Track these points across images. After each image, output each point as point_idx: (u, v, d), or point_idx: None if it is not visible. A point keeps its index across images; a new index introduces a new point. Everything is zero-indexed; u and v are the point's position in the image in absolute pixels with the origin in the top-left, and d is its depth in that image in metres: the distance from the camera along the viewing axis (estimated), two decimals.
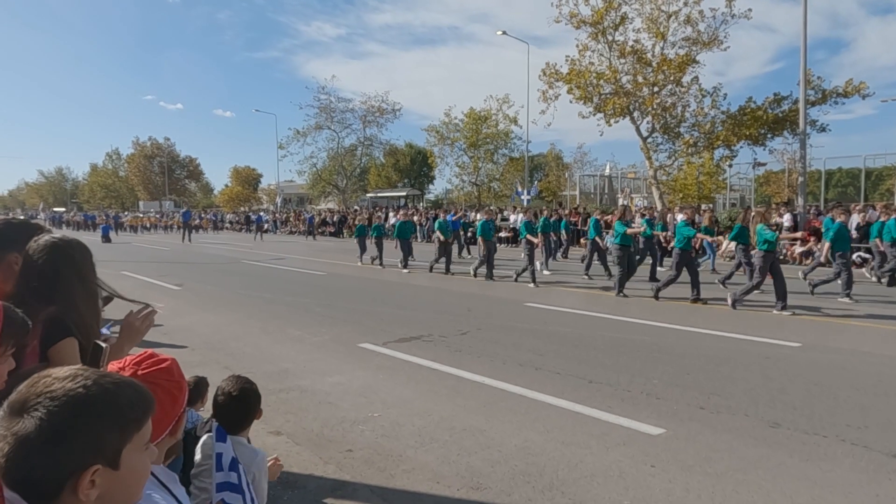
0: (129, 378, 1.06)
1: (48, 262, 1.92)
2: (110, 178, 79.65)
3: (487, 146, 41.31)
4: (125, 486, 1.01)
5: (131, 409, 1.00)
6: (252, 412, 2.41)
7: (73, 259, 1.99)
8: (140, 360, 1.49)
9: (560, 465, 3.72)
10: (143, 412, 1.03)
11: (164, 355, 1.52)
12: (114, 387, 0.99)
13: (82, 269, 2.01)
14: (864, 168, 27.36)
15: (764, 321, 8.46)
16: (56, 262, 1.93)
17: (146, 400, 1.05)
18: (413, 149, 54.61)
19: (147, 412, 1.04)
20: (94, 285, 2.05)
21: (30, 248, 1.95)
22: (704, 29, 24.06)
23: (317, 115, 47.33)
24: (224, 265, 17.85)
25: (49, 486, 0.93)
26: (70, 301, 1.92)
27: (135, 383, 1.06)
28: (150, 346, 2.21)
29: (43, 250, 1.94)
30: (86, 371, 1.00)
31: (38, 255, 1.93)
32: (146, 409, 1.04)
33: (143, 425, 1.03)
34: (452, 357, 6.36)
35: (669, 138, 26.48)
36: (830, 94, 23.28)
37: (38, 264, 1.92)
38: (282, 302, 10.29)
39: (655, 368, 5.89)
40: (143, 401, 1.04)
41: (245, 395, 2.38)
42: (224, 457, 2.25)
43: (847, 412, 4.66)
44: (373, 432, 4.31)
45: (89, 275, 2.03)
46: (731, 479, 3.53)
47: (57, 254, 1.95)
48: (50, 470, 0.92)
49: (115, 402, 0.98)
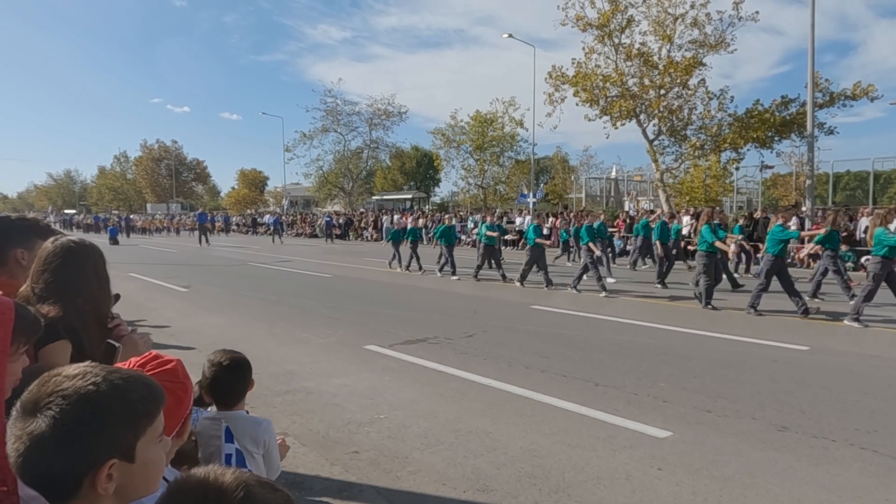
0: (137, 372, 1.08)
1: (63, 264, 1.95)
2: (118, 181, 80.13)
3: (493, 149, 41.33)
4: (142, 478, 1.03)
5: (142, 403, 1.02)
6: (246, 382, 2.37)
7: (89, 261, 2.02)
8: (144, 361, 1.50)
9: (566, 468, 3.71)
10: (154, 405, 1.05)
11: (169, 356, 1.53)
12: (123, 382, 1.01)
13: (98, 271, 2.04)
14: (873, 171, 27.15)
15: (771, 324, 8.41)
16: (71, 264, 1.96)
17: (157, 393, 1.07)
18: (419, 151, 54.67)
19: (158, 405, 1.06)
20: (108, 287, 2.08)
21: (46, 249, 1.98)
22: (711, 32, 24.03)
23: (323, 117, 47.56)
24: (231, 267, 17.92)
25: (67, 483, 0.95)
26: (79, 302, 1.94)
27: (144, 377, 1.07)
28: (156, 348, 2.23)
29: (59, 251, 1.97)
30: (95, 368, 1.02)
31: (53, 255, 1.96)
32: (157, 402, 1.06)
33: (156, 418, 1.05)
34: (458, 359, 6.36)
35: (676, 141, 26.41)
36: (838, 97, 23.17)
37: (53, 265, 1.94)
38: (288, 304, 10.32)
39: (662, 371, 5.87)
40: (153, 394, 1.05)
41: (237, 364, 2.35)
42: (232, 459, 2.25)
43: (856, 416, 4.62)
44: (379, 434, 4.31)
45: (103, 277, 2.06)
46: (739, 482, 3.51)
47: (73, 256, 1.98)
48: (67, 467, 0.94)
49: (127, 397, 0.99)
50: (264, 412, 4.74)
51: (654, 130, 26.05)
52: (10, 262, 2.08)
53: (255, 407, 4.74)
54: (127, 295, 2.32)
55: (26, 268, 2.07)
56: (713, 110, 25.17)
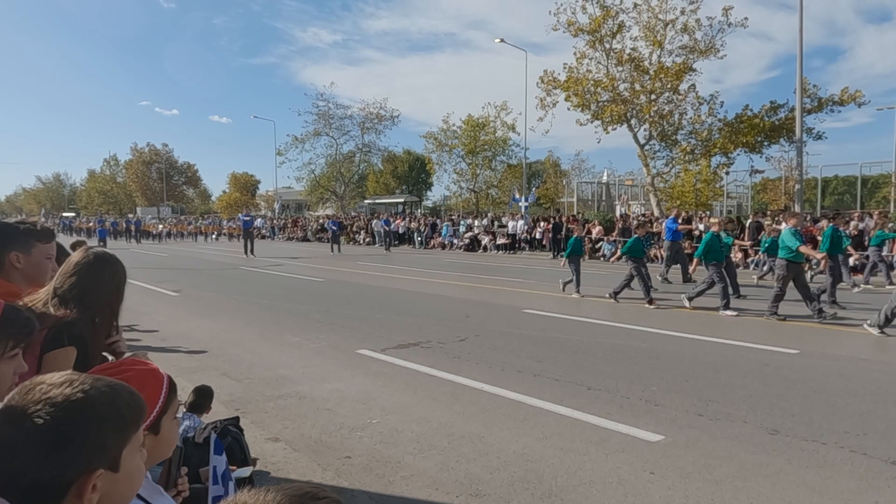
0: (119, 381, 1.06)
1: (91, 272, 2.02)
2: (108, 185, 79.61)
3: (485, 153, 41.38)
4: (122, 489, 1.02)
5: (128, 409, 1.01)
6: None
7: (116, 275, 2.10)
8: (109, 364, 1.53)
9: (559, 472, 3.71)
10: (138, 412, 1.04)
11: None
12: (109, 389, 1.00)
13: (120, 286, 2.12)
14: (861, 176, 27.50)
15: (762, 328, 8.47)
16: (99, 274, 2.04)
17: (139, 400, 1.06)
18: (411, 155, 54.72)
19: (142, 412, 1.06)
20: (121, 304, 2.16)
21: (78, 254, 2.06)
22: (701, 37, 24.29)
23: (315, 121, 47.49)
24: (222, 271, 17.82)
25: (52, 492, 0.93)
26: (95, 312, 2.00)
27: (126, 385, 1.06)
28: (147, 352, 2.21)
29: (91, 259, 2.04)
30: (79, 376, 1.00)
31: (85, 262, 2.03)
32: (141, 410, 1.05)
33: (140, 426, 1.04)
34: (451, 363, 6.35)
35: (667, 146, 26.63)
36: (826, 103, 23.45)
37: (82, 271, 2.01)
38: (280, 308, 10.27)
39: (654, 375, 5.89)
40: (137, 401, 1.05)
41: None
42: (218, 469, 2.25)
43: (846, 419, 4.66)
44: (371, 439, 4.30)
45: (122, 293, 2.14)
46: (731, 485, 3.53)
47: (103, 266, 2.07)
48: (54, 476, 0.92)
49: (114, 404, 0.98)
50: (256, 417, 4.72)
51: (645, 135, 26.23)
52: (5, 266, 2.10)
53: (246, 412, 4.71)
54: None
55: (21, 271, 2.08)
56: (703, 115, 25.44)
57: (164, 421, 1.36)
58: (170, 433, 1.41)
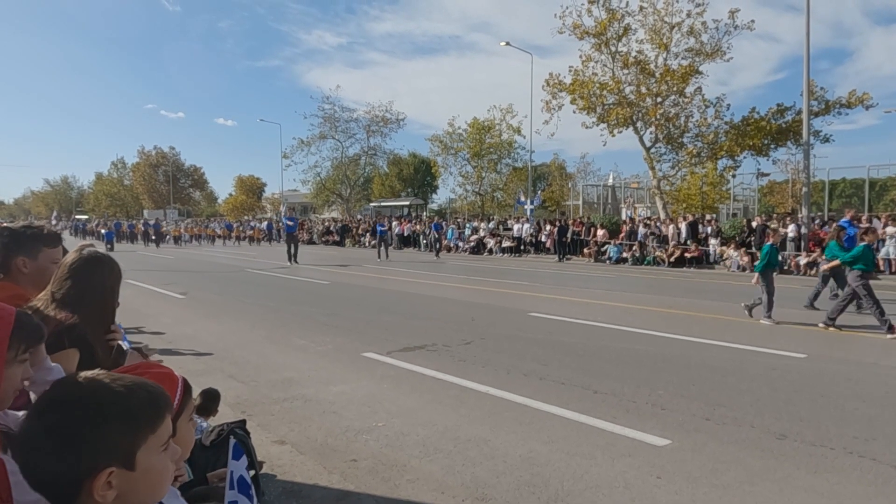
0: (142, 380, 1.07)
1: (86, 274, 2.04)
2: (115, 187, 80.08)
3: (491, 156, 41.45)
4: (144, 486, 1.03)
5: (143, 411, 1.02)
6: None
7: (111, 275, 2.13)
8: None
9: (565, 476, 3.70)
10: (156, 413, 1.04)
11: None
12: (125, 390, 1.01)
13: (114, 285, 2.14)
14: (868, 178, 27.32)
15: (769, 332, 8.43)
16: (93, 275, 2.06)
17: (160, 400, 1.06)
18: (416, 158, 54.78)
19: (161, 412, 1.06)
20: (116, 301, 2.18)
21: (71, 257, 2.07)
22: (707, 40, 24.23)
23: (321, 124, 47.69)
24: (228, 273, 17.89)
25: (66, 488, 0.96)
26: (94, 311, 2.00)
27: (149, 385, 1.07)
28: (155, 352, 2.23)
29: (84, 261, 2.06)
30: (100, 374, 1.03)
31: (78, 264, 2.04)
32: (159, 410, 1.06)
33: (159, 426, 1.04)
34: (456, 367, 6.35)
35: (673, 148, 26.55)
36: (833, 105, 23.32)
37: (77, 273, 2.02)
38: (286, 310, 10.30)
39: (660, 379, 5.87)
40: (156, 402, 1.05)
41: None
42: (234, 474, 2.25)
43: (854, 424, 4.62)
44: (377, 442, 4.30)
45: (116, 291, 2.17)
46: (738, 490, 3.51)
47: (96, 267, 2.08)
48: (64, 473, 0.95)
49: (127, 405, 1.00)
50: (262, 419, 4.73)
51: (651, 138, 26.18)
52: (12, 270, 2.12)
53: (252, 415, 4.72)
54: (123, 301, 2.36)
55: (28, 275, 2.10)
56: (709, 118, 25.34)
57: (180, 423, 1.39)
58: (186, 434, 1.44)
